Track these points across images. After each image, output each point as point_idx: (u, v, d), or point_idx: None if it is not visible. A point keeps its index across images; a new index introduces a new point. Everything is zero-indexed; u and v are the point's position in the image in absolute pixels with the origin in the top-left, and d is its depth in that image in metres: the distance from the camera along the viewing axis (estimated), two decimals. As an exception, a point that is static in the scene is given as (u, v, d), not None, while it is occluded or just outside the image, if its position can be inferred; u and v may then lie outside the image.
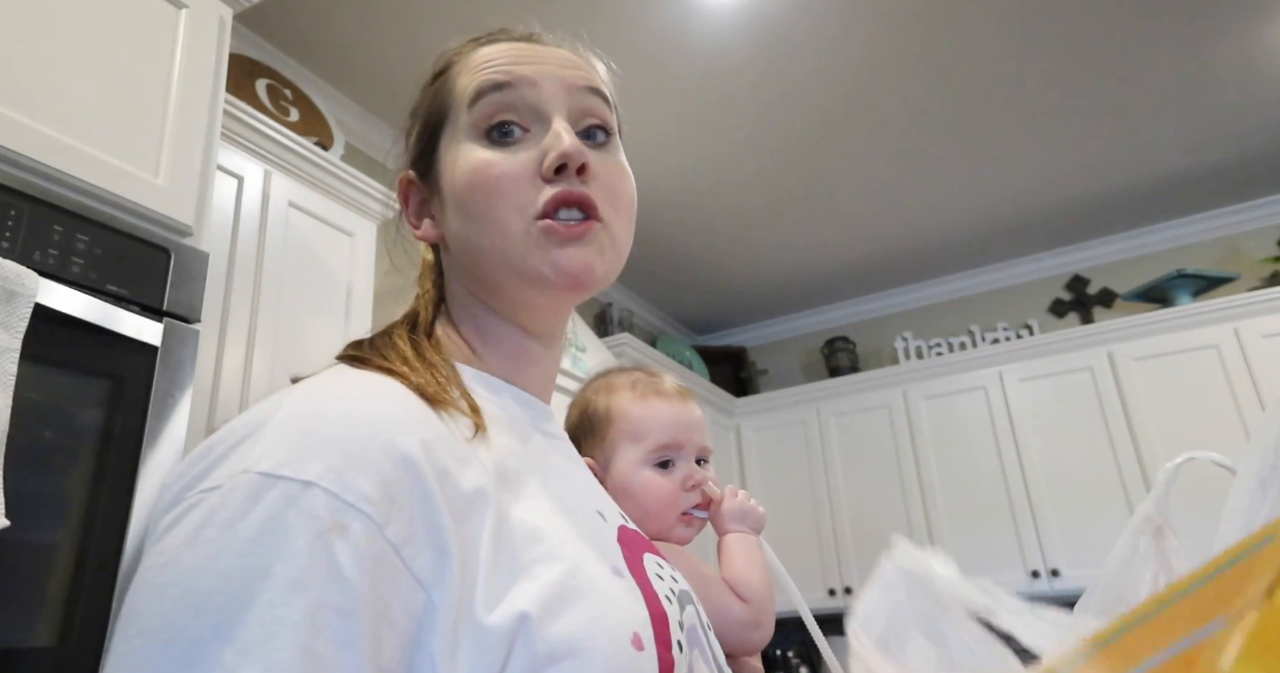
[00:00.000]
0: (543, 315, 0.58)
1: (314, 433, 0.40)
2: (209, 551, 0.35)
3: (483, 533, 0.41)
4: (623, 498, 0.77)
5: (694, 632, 0.51)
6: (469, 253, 0.55)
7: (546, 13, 2.24)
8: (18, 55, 1.17)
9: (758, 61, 2.48)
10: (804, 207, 3.27)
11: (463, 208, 0.54)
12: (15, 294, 0.98)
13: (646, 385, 0.83)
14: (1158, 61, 2.56)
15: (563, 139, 0.53)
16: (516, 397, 0.57)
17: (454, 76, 0.58)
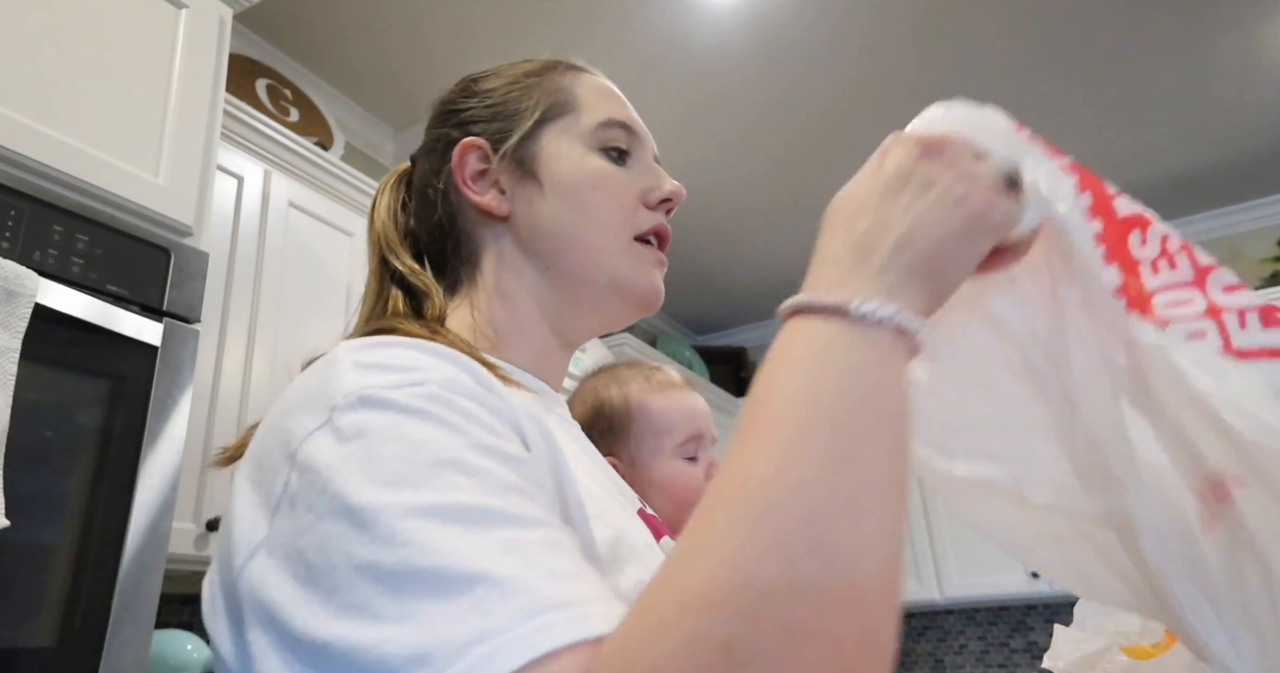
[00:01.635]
0: (596, 325, 0.63)
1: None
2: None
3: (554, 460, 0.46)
4: (653, 490, 0.79)
5: None
6: (563, 244, 0.59)
7: (547, 13, 2.24)
8: (18, 56, 1.17)
9: (757, 61, 2.48)
10: (804, 206, 3.27)
11: (579, 202, 0.59)
12: (15, 294, 0.98)
13: (659, 379, 0.85)
14: (1157, 62, 2.56)
15: (673, 181, 0.62)
16: (534, 384, 0.60)
17: (572, 87, 0.64)
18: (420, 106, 2.59)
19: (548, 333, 0.61)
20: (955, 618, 3.49)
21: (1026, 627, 3.36)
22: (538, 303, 0.60)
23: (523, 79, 0.66)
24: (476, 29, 2.29)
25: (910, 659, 3.53)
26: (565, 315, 0.61)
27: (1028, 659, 3.33)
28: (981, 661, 3.40)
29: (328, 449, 0.38)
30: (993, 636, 3.41)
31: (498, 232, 0.61)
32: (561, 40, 2.35)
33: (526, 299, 0.60)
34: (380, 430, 0.38)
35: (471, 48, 2.36)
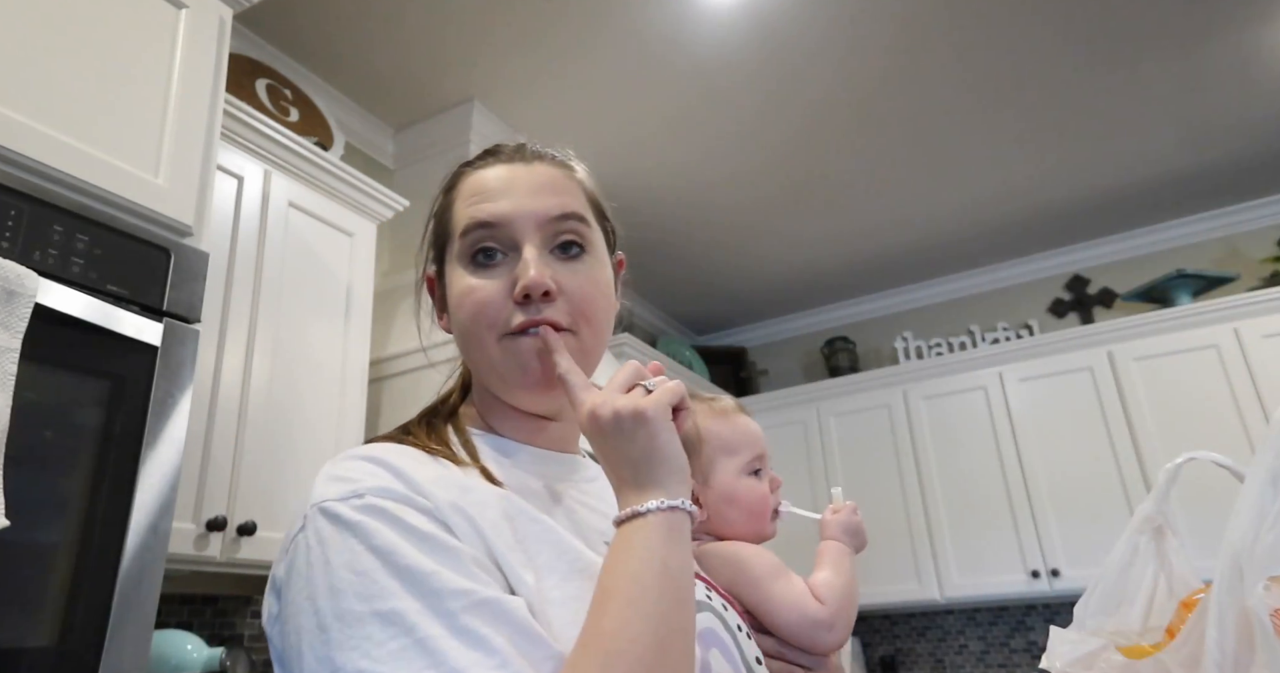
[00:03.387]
0: (531, 408, 0.67)
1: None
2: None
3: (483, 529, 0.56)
4: (727, 505, 0.87)
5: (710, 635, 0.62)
6: (465, 355, 0.68)
7: (547, 13, 2.24)
8: (18, 55, 1.17)
9: (757, 62, 2.48)
10: (804, 206, 3.27)
11: (457, 322, 0.66)
12: (15, 294, 0.98)
13: (720, 407, 0.94)
14: (1158, 62, 2.56)
15: (529, 272, 0.62)
16: (534, 454, 0.68)
17: (452, 202, 0.70)
18: (420, 107, 2.60)
19: (520, 414, 0.69)
20: (955, 618, 3.49)
21: (1026, 627, 3.36)
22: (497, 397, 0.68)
23: (433, 204, 0.73)
24: (476, 29, 2.29)
25: (910, 659, 3.53)
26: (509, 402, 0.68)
27: (1028, 659, 3.33)
28: (981, 661, 3.40)
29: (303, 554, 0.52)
30: (993, 636, 3.41)
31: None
32: (562, 41, 2.35)
33: (490, 395, 0.69)
34: (333, 543, 0.51)
35: (471, 48, 2.36)
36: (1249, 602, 0.60)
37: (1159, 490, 0.87)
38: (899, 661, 3.53)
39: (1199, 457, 0.85)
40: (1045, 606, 3.33)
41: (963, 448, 3.33)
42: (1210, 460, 0.84)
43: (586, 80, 2.52)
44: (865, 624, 3.64)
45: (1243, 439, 2.83)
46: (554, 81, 2.52)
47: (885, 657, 3.53)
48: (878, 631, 3.62)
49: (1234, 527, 0.65)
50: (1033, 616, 3.36)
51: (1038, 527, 3.10)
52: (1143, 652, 0.73)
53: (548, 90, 2.55)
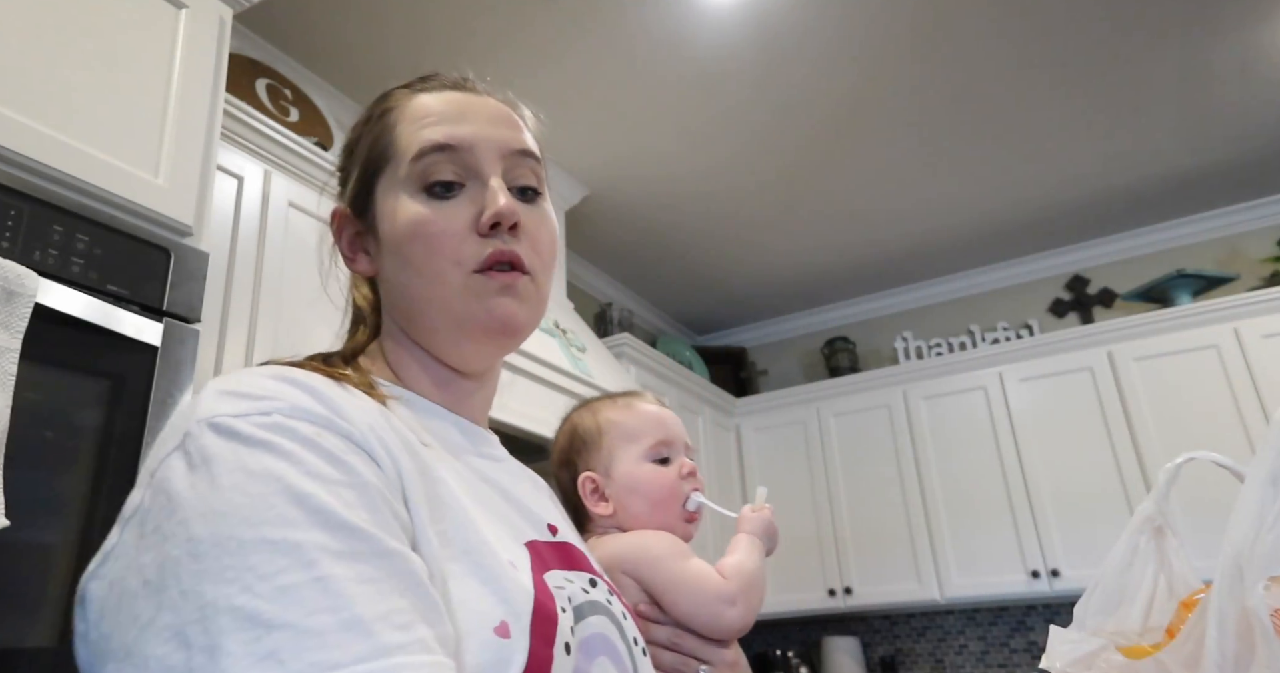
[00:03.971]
0: (471, 359, 0.62)
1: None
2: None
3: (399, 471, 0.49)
4: (630, 495, 0.84)
5: (602, 641, 0.56)
6: (406, 298, 0.61)
7: (548, 14, 2.24)
8: (18, 55, 1.17)
9: (757, 63, 2.48)
10: (804, 207, 3.27)
11: (402, 257, 0.59)
12: (15, 294, 0.98)
13: (626, 397, 0.92)
14: (1158, 61, 2.56)
15: (499, 199, 0.58)
16: (450, 419, 0.62)
17: (393, 125, 0.62)
18: (420, 106, 2.60)
19: (446, 372, 0.63)
20: (955, 618, 3.49)
21: (1026, 627, 3.36)
22: (418, 346, 0.62)
23: (355, 131, 0.66)
24: (477, 29, 2.29)
25: (910, 659, 3.53)
26: (442, 356, 0.62)
27: (1028, 659, 3.33)
28: (981, 661, 3.40)
29: (179, 474, 0.43)
30: (993, 636, 3.41)
31: (383, 288, 0.65)
32: (562, 40, 2.35)
33: (408, 343, 0.63)
34: (223, 460, 0.42)
35: (471, 48, 2.36)
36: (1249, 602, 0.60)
37: (1159, 490, 0.87)
38: (899, 661, 3.53)
39: (1199, 457, 0.85)
40: (1045, 606, 3.33)
41: (963, 448, 3.33)
42: (1210, 460, 0.84)
43: (587, 80, 2.52)
44: (865, 624, 3.64)
45: (1243, 439, 2.83)
46: (553, 81, 2.52)
47: (885, 657, 3.53)
48: (878, 631, 3.62)
49: (1234, 527, 0.65)
50: (1033, 616, 3.36)
51: (1038, 527, 3.10)
52: (1143, 652, 0.73)
53: (547, 90, 2.55)
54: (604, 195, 3.08)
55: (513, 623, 0.46)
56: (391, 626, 0.39)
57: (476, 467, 0.59)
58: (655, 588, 0.77)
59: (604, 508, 0.85)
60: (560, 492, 0.88)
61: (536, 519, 0.60)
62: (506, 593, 0.48)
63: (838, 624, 3.67)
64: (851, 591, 3.34)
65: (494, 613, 0.46)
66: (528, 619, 0.47)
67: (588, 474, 0.86)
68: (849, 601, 3.34)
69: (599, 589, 0.60)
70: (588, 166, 2.93)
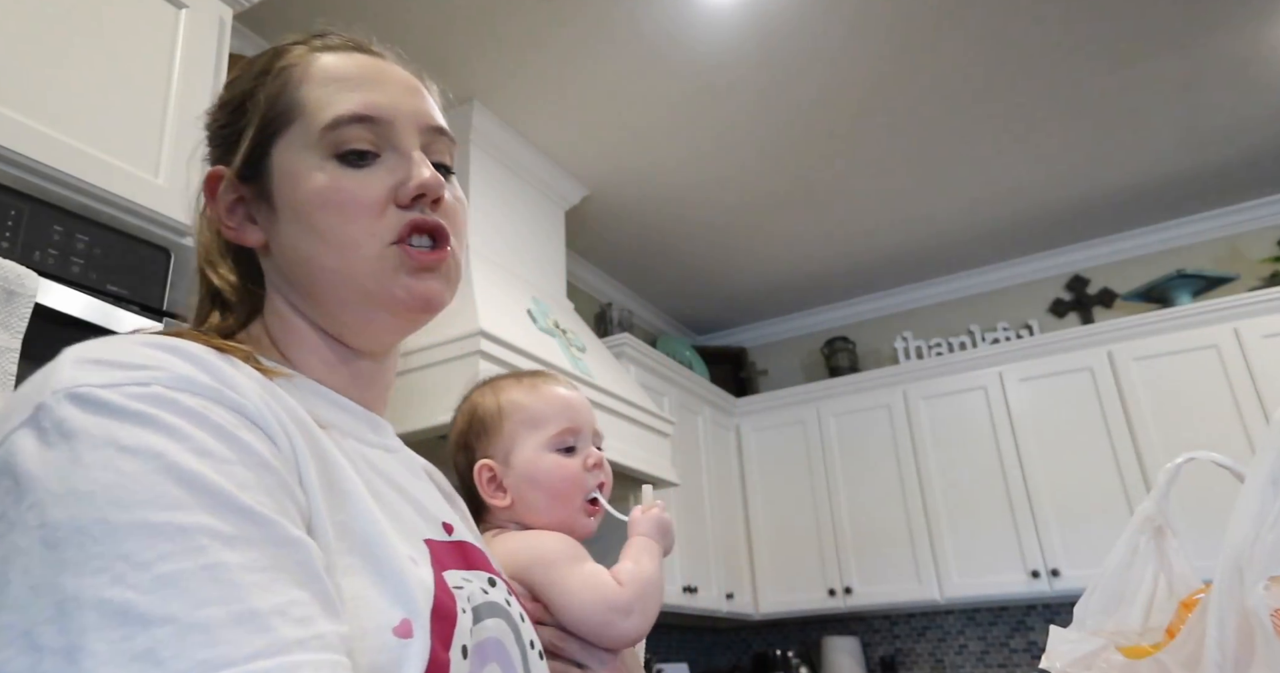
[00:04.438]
0: (379, 336, 0.58)
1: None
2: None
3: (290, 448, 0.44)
4: (529, 486, 0.78)
5: (496, 646, 0.52)
6: (308, 270, 0.55)
7: (547, 13, 2.24)
8: (18, 55, 1.17)
9: (758, 62, 2.48)
10: (804, 207, 3.27)
11: (307, 226, 0.54)
12: (15, 294, 0.98)
13: (534, 378, 0.84)
14: (1158, 62, 2.56)
15: (424, 171, 0.55)
16: (344, 404, 0.57)
17: (296, 83, 0.57)
18: (420, 106, 2.60)
19: (341, 351, 0.58)
20: (955, 618, 3.49)
21: (1026, 627, 3.36)
22: (313, 324, 0.57)
23: (244, 85, 0.59)
24: (476, 29, 2.30)
25: (910, 659, 3.53)
26: (344, 335, 0.57)
27: (1028, 659, 3.33)
28: (981, 661, 3.40)
29: (29, 452, 0.36)
30: (993, 636, 3.41)
31: (266, 260, 0.58)
32: (562, 40, 2.35)
33: (300, 321, 0.57)
34: (89, 435, 0.36)
35: (471, 48, 2.36)
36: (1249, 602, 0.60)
37: (1159, 490, 0.88)
38: (899, 661, 3.53)
39: (1199, 457, 0.85)
40: (1045, 606, 3.33)
41: (963, 448, 3.33)
42: (1210, 460, 0.84)
43: (586, 80, 2.52)
44: (865, 624, 3.64)
45: (1243, 439, 2.83)
46: (554, 81, 2.52)
47: (885, 657, 3.53)
48: (878, 631, 3.62)
49: (1234, 527, 0.65)
50: (1033, 616, 3.36)
51: (1038, 527, 3.10)
52: (1143, 652, 0.73)
53: (548, 90, 2.55)
54: (604, 195, 3.08)
55: (414, 622, 0.43)
56: (290, 620, 0.35)
57: (370, 458, 0.55)
58: (546, 594, 0.72)
59: (501, 499, 0.79)
60: (458, 478, 0.83)
61: (431, 517, 0.57)
62: (407, 591, 0.44)
63: (838, 624, 3.67)
64: (851, 591, 3.34)
65: (394, 612, 0.43)
66: (428, 619, 0.44)
67: (485, 462, 0.80)
68: (849, 601, 3.34)
69: (498, 590, 0.56)
70: (588, 167, 2.93)
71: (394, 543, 0.46)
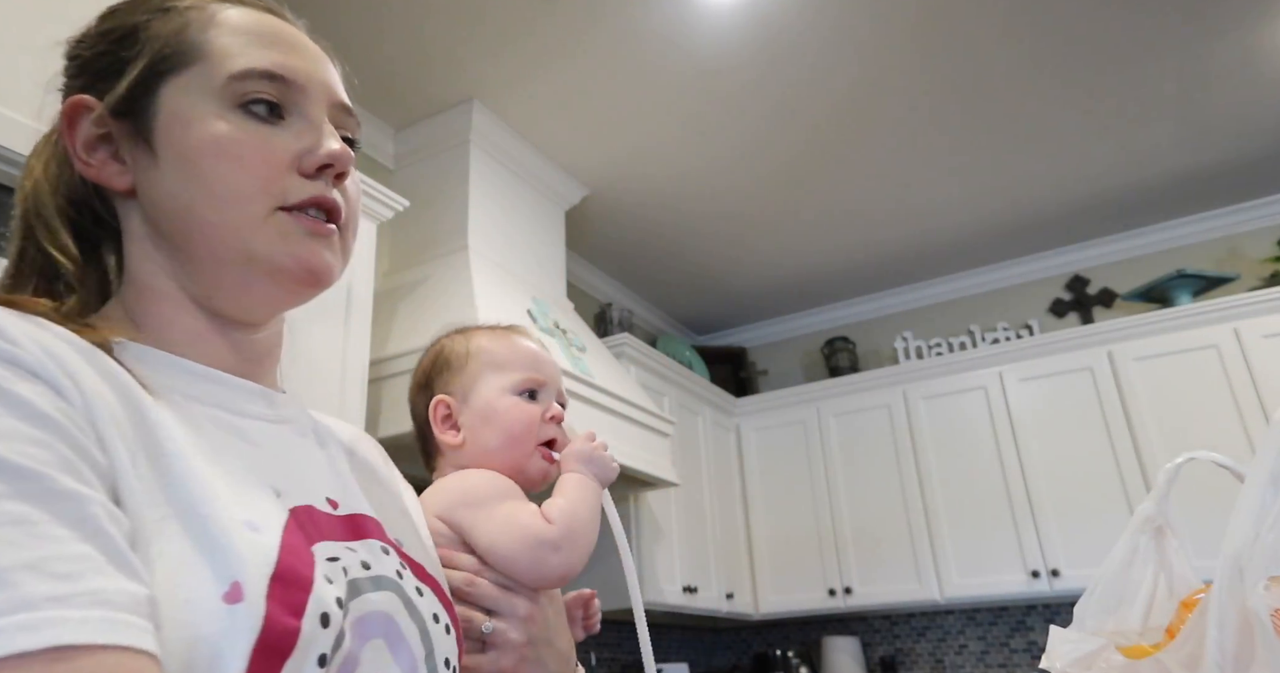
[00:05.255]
0: (255, 305, 0.54)
1: None
2: None
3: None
4: (483, 425, 0.76)
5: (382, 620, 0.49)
6: (184, 222, 0.51)
7: (547, 13, 2.24)
8: (18, 56, 1.18)
9: (758, 62, 2.48)
10: (804, 207, 3.27)
11: (194, 173, 0.50)
12: (15, 294, 0.98)
13: (507, 330, 0.84)
14: (1158, 62, 2.56)
15: (334, 142, 0.53)
16: (206, 373, 0.52)
17: (202, 27, 0.53)
18: (420, 106, 2.60)
19: (201, 317, 0.53)
20: (955, 618, 3.49)
21: (1026, 627, 3.36)
22: (180, 287, 0.53)
23: (134, 16, 0.54)
24: (476, 29, 2.30)
25: (910, 659, 3.53)
26: (215, 298, 0.53)
27: (1028, 659, 3.33)
28: (981, 661, 3.40)
29: None
30: (993, 636, 3.41)
31: (128, 207, 0.54)
32: (562, 40, 2.35)
33: (165, 283, 0.53)
34: None
35: (471, 48, 2.36)
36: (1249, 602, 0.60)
37: (1159, 490, 0.88)
38: (899, 661, 3.53)
39: (1199, 457, 0.85)
40: (1045, 606, 3.33)
41: (963, 448, 3.33)
42: (1210, 460, 0.84)
43: (586, 80, 2.52)
44: (865, 624, 3.64)
45: (1243, 439, 2.83)
46: (554, 81, 2.52)
47: (885, 657, 3.53)
48: (878, 631, 3.62)
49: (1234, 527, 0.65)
50: (1033, 616, 3.36)
51: (1038, 527, 3.10)
52: (1143, 652, 0.73)
53: (547, 90, 2.55)
54: (604, 195, 3.08)
55: (246, 584, 0.40)
56: (45, 575, 0.33)
57: (239, 425, 0.51)
58: (472, 534, 0.69)
59: (452, 437, 0.77)
60: (414, 419, 0.82)
61: (311, 488, 0.53)
62: (237, 555, 0.41)
63: (838, 624, 3.67)
64: (851, 591, 3.34)
65: (221, 577, 0.40)
66: (265, 584, 0.41)
67: (442, 397, 0.78)
68: (849, 601, 3.35)
69: (389, 560, 0.53)
70: (588, 167, 2.93)
71: (227, 508, 0.43)
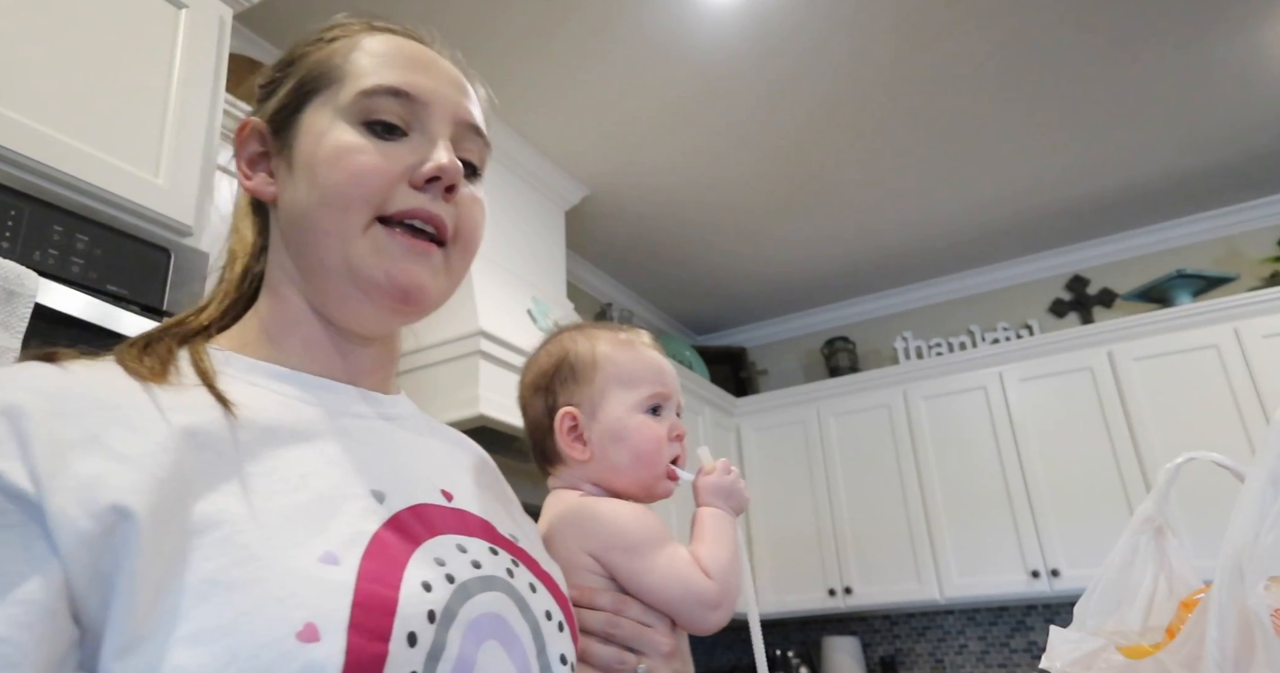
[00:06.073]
0: (359, 318, 0.56)
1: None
2: None
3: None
4: (614, 443, 0.76)
5: (494, 622, 0.50)
6: (304, 228, 0.54)
7: (547, 12, 2.24)
8: (18, 55, 1.17)
9: (757, 63, 2.48)
10: (804, 206, 3.27)
11: (314, 180, 0.53)
12: (15, 294, 0.98)
13: (630, 336, 0.83)
14: (1158, 61, 2.56)
15: (444, 154, 0.54)
16: (307, 382, 0.55)
17: (344, 51, 0.57)
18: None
19: (317, 326, 0.56)
20: (955, 618, 3.49)
21: (1026, 627, 3.36)
22: (301, 295, 0.56)
23: (298, 49, 0.60)
24: (477, 28, 2.29)
25: (910, 659, 3.53)
26: (327, 308, 0.56)
27: (1028, 659, 3.33)
28: (981, 661, 3.40)
29: None
30: (993, 636, 3.41)
31: (275, 218, 0.58)
32: (562, 41, 2.35)
33: (290, 290, 0.57)
34: None
35: (471, 48, 2.36)
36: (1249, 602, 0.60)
37: (1159, 490, 0.88)
38: (899, 661, 3.53)
39: (1199, 457, 0.85)
40: (1045, 606, 3.33)
41: (963, 448, 3.33)
42: (1210, 460, 0.84)
43: (586, 80, 2.52)
44: (865, 624, 3.64)
45: (1243, 439, 2.83)
46: (554, 81, 2.52)
47: (885, 657, 3.53)
48: (878, 631, 3.62)
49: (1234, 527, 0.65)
50: (1033, 616, 3.36)
51: (1038, 527, 3.10)
52: (1143, 652, 0.73)
53: (547, 90, 2.55)
54: (604, 195, 3.08)
55: (321, 624, 0.41)
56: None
57: (337, 425, 0.53)
58: (630, 582, 0.69)
59: (580, 451, 0.77)
60: (527, 420, 0.82)
61: (423, 483, 0.54)
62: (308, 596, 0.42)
63: (838, 624, 3.67)
64: (851, 591, 3.34)
65: (293, 617, 0.41)
66: (345, 616, 0.42)
67: (570, 410, 0.78)
68: (849, 601, 3.34)
69: (499, 559, 0.54)
70: (588, 166, 2.93)
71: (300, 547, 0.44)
